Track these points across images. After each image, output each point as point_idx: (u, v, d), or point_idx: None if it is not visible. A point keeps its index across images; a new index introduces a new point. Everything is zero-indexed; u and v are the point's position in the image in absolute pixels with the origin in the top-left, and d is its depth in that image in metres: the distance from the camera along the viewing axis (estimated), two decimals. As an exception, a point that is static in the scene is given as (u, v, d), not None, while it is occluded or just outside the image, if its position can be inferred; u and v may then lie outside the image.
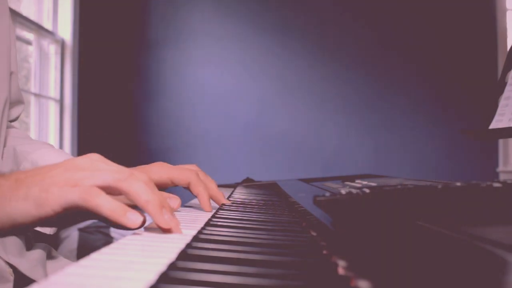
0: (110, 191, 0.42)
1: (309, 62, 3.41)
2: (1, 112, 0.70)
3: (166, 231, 0.44)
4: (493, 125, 0.76)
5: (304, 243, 0.44)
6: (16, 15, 2.56)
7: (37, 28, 2.79)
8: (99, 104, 3.31)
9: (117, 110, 3.37)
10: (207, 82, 3.39)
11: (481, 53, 3.33)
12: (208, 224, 0.52)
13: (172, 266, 0.32)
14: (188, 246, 0.38)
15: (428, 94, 3.38)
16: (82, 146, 3.07)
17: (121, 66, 3.39)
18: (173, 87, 3.40)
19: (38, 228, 0.71)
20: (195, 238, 0.42)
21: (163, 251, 0.36)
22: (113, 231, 2.38)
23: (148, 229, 0.46)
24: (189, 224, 0.53)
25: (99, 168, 0.43)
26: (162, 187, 0.67)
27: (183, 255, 0.36)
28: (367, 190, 0.41)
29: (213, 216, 0.59)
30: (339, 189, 0.57)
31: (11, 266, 0.68)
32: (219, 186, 1.19)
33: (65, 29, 3.00)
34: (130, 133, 3.36)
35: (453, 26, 3.34)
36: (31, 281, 0.68)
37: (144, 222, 0.43)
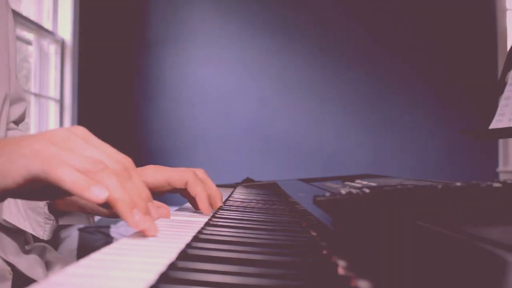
0: None
1: (309, 62, 3.41)
2: (0, 107, 0.69)
3: (142, 232, 0.41)
4: (493, 125, 0.76)
5: (304, 243, 0.44)
6: (16, 15, 2.56)
7: (37, 28, 2.79)
8: (99, 104, 3.30)
9: (117, 110, 3.37)
10: (207, 82, 3.39)
11: (481, 53, 3.33)
12: (208, 224, 0.52)
13: (172, 266, 0.32)
14: (188, 246, 0.38)
15: (428, 94, 3.38)
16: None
17: (121, 66, 3.39)
18: (173, 87, 3.40)
19: (31, 231, 0.70)
20: (195, 238, 0.42)
21: (163, 251, 0.36)
22: (113, 231, 2.38)
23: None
24: (189, 224, 0.53)
25: (73, 147, 0.40)
26: (159, 190, 0.65)
27: (183, 255, 0.36)
28: (367, 190, 0.41)
29: (213, 216, 0.59)
30: (339, 189, 0.57)
31: (9, 264, 0.68)
32: (219, 186, 1.19)
33: (65, 29, 3.00)
34: (130, 133, 3.36)
35: (453, 26, 3.34)
36: (30, 280, 0.68)
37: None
